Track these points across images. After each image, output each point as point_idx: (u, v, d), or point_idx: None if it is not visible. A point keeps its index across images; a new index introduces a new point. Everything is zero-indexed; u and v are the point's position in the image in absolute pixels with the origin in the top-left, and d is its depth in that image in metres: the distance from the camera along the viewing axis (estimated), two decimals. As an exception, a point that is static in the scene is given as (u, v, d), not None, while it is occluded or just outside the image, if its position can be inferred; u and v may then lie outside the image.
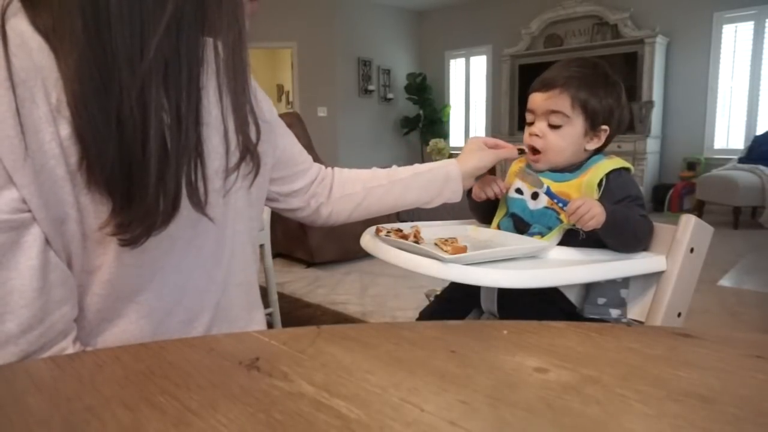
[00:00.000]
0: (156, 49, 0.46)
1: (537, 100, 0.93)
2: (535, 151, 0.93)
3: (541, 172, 0.95)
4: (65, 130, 0.48)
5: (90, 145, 0.47)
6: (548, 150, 0.91)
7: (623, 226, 0.82)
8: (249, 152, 0.56)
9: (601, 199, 0.87)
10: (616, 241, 0.85)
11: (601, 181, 0.87)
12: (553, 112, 0.90)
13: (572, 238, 0.87)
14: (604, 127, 0.92)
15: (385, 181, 0.92)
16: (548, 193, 0.87)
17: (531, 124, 0.96)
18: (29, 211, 0.47)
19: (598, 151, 0.94)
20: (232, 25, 0.51)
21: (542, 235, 0.88)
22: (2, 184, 0.46)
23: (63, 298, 0.51)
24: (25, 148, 0.46)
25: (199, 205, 0.53)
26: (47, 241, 0.49)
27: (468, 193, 1.01)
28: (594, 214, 0.79)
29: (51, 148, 0.47)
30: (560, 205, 0.85)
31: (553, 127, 0.91)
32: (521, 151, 0.95)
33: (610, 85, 0.92)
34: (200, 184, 0.52)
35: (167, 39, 0.47)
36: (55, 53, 0.47)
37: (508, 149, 0.94)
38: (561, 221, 0.87)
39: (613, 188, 0.87)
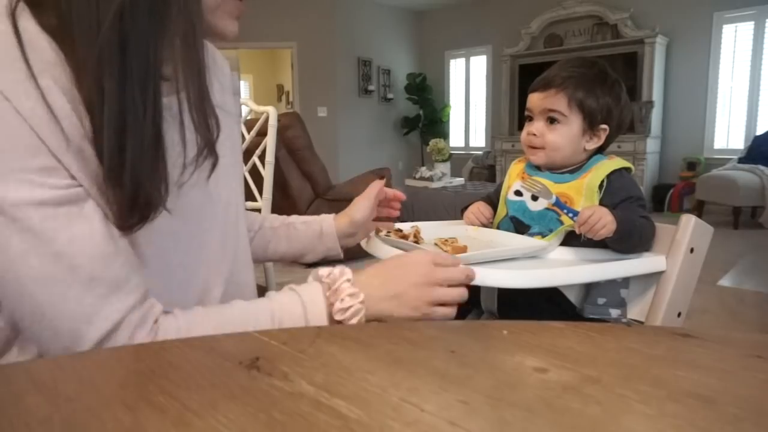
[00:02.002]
0: (109, 34, 0.46)
1: (534, 99, 0.94)
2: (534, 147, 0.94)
3: (540, 171, 0.95)
4: (86, 121, 0.48)
5: (99, 132, 0.49)
6: (546, 146, 0.92)
7: (631, 233, 0.82)
8: (207, 147, 0.56)
9: (602, 200, 0.86)
10: (623, 247, 0.84)
11: (602, 182, 0.87)
12: (550, 111, 0.91)
13: (573, 239, 0.87)
14: (603, 126, 0.92)
15: (256, 227, 0.88)
16: (557, 203, 0.87)
17: (528, 122, 0.96)
18: (80, 185, 0.48)
19: (599, 150, 0.94)
20: (186, 17, 0.50)
21: (543, 235, 0.88)
22: (52, 164, 0.47)
23: (135, 263, 0.52)
24: (62, 131, 0.47)
25: (159, 199, 0.52)
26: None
27: (461, 211, 1.02)
28: (605, 223, 0.78)
29: (79, 133, 0.48)
30: (570, 215, 0.84)
31: (552, 126, 0.92)
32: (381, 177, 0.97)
33: (608, 84, 0.92)
34: (161, 179, 0.52)
35: (118, 26, 0.47)
36: (63, 50, 0.48)
37: (374, 184, 0.90)
38: (562, 223, 0.87)
39: (615, 189, 0.87)
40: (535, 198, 0.92)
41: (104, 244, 0.49)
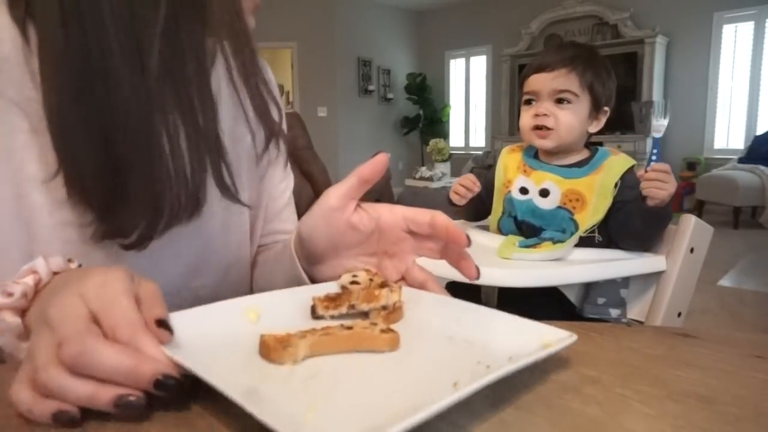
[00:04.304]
0: (156, 47, 0.43)
1: (542, 80, 0.90)
2: (542, 128, 0.90)
3: (543, 163, 0.92)
4: (21, 122, 0.46)
5: (67, 156, 0.45)
6: (560, 127, 0.89)
7: (669, 216, 0.82)
8: (274, 133, 0.55)
9: (617, 198, 0.85)
10: (652, 229, 0.83)
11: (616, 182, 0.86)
12: (562, 90, 0.89)
13: (586, 243, 0.86)
14: (605, 108, 0.91)
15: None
16: (655, 144, 0.83)
17: (528, 105, 0.93)
18: None
19: (594, 135, 0.94)
20: (232, 12, 0.49)
21: (553, 241, 0.86)
22: None
23: None
24: None
25: (231, 195, 0.51)
26: None
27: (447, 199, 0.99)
28: (670, 190, 0.78)
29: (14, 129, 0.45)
30: (655, 152, 0.83)
31: (561, 105, 0.89)
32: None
33: (607, 67, 0.92)
34: (225, 174, 0.51)
35: (166, 36, 0.44)
36: (27, 49, 0.45)
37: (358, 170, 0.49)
38: (574, 222, 0.85)
39: (631, 185, 0.86)
40: (544, 194, 0.89)
41: None
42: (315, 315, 0.40)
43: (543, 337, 0.35)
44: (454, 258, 0.46)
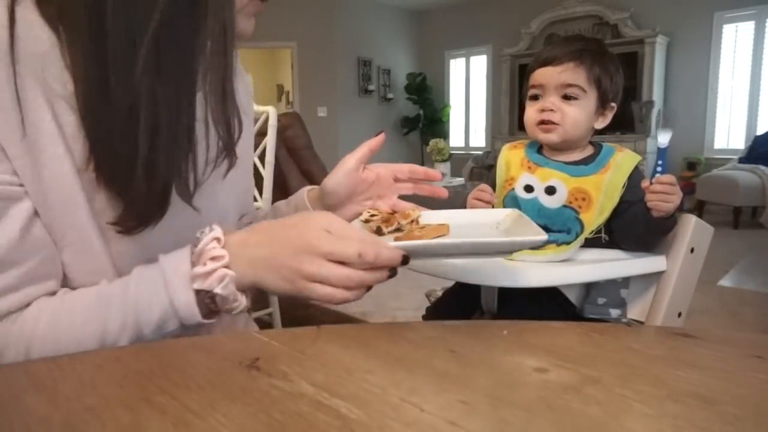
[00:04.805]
0: (150, 39, 0.46)
1: (549, 73, 0.89)
2: (548, 122, 0.88)
3: (548, 160, 0.91)
4: (69, 116, 0.48)
5: (96, 144, 0.48)
6: (566, 123, 0.87)
7: (674, 225, 0.81)
8: (227, 147, 0.55)
9: (624, 197, 0.84)
10: (655, 237, 0.82)
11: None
12: (569, 85, 0.87)
13: (592, 244, 0.85)
14: (612, 104, 0.90)
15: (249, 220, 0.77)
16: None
17: (534, 100, 0.91)
18: (21, 185, 0.47)
19: (599, 132, 0.93)
20: (220, 18, 0.50)
21: (558, 243, 0.84)
22: None
23: (43, 274, 0.49)
24: (21, 121, 0.46)
25: (187, 195, 0.53)
26: (37, 215, 0.48)
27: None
28: (675, 202, 0.77)
29: (45, 127, 0.47)
30: (660, 164, 0.81)
31: (568, 101, 0.88)
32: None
33: (615, 62, 0.90)
34: (191, 175, 0.52)
35: (161, 30, 0.46)
36: (61, 45, 0.47)
37: (365, 144, 0.73)
38: (580, 221, 0.84)
39: (636, 184, 0.85)
40: (551, 191, 0.87)
41: (10, 250, 0.46)
42: (380, 232, 0.60)
43: (515, 212, 0.63)
44: (427, 189, 0.70)
